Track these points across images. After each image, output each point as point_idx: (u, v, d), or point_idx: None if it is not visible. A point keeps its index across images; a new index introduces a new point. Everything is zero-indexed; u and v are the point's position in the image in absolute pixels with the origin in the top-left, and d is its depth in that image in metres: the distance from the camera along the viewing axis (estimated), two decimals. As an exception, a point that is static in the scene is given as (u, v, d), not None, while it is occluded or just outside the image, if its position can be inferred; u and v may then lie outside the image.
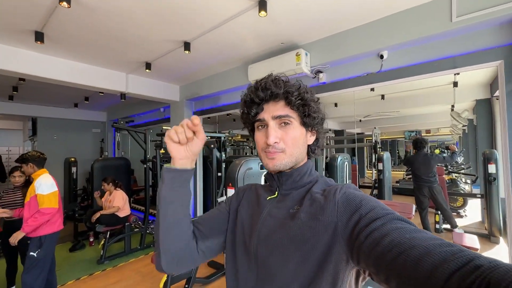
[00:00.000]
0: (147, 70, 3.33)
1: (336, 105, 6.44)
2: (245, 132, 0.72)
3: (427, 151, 3.85)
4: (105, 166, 4.63)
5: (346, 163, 3.76)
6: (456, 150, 3.77)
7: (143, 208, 5.34)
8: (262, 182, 2.09)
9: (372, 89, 4.67)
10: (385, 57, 2.41)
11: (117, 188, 3.76)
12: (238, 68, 3.42)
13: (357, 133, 11.97)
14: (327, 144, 5.79)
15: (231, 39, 2.67)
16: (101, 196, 3.91)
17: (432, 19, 2.01)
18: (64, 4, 1.80)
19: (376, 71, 2.51)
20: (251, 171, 1.90)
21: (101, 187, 3.82)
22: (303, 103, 0.60)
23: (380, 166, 5.30)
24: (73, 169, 5.23)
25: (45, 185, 2.22)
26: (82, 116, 6.57)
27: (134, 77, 3.83)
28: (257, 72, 3.03)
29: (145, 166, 4.22)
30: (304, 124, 0.62)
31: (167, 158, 4.14)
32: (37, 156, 2.34)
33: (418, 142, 3.87)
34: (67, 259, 3.59)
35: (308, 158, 0.67)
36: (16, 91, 4.30)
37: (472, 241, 2.91)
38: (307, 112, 0.60)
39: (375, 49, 2.36)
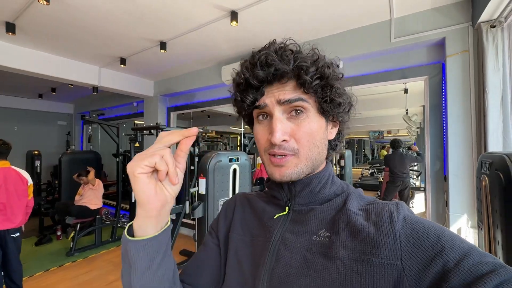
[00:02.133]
0: (122, 65, 3.39)
1: None
2: (220, 128, 0.58)
3: (402, 151, 4.44)
4: (74, 160, 4.56)
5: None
6: (418, 149, 4.39)
7: (113, 202, 5.32)
8: (231, 176, 2.33)
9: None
10: (340, 66, 2.78)
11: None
12: (212, 67, 3.62)
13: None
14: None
15: (205, 41, 2.87)
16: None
17: (376, 38, 2.40)
18: (43, 2, 1.87)
19: (334, 79, 2.88)
20: (220, 163, 2.13)
21: (79, 180, 3.79)
22: (324, 83, 0.41)
23: (342, 162, 5.85)
24: (37, 163, 5.04)
25: None
26: (46, 107, 6.27)
27: (108, 71, 3.84)
28: (229, 73, 3.25)
29: (117, 160, 4.24)
30: (323, 112, 0.43)
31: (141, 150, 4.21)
32: None
33: (396, 143, 4.47)
34: (33, 252, 3.55)
35: (327, 162, 0.49)
36: (-25, 79, 4.06)
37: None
38: (329, 95, 0.41)
39: (333, 59, 2.71)
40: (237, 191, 2.27)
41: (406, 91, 5.32)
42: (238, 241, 0.49)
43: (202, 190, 2.10)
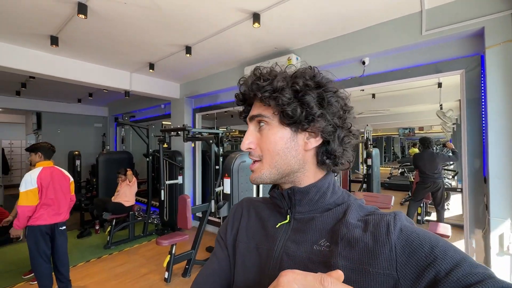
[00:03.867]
0: (151, 70, 3.58)
1: None
2: (243, 128, 0.66)
3: (433, 149, 4.15)
4: (109, 159, 4.90)
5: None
6: (453, 147, 4.07)
7: (144, 199, 5.64)
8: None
9: (362, 89, 4.98)
10: (366, 63, 2.68)
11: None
12: (235, 69, 3.68)
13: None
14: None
15: (228, 44, 2.93)
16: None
17: (405, 31, 2.28)
18: (82, 16, 2.04)
19: (359, 75, 2.78)
20: (244, 163, 2.17)
21: (118, 179, 4.10)
22: (274, 95, 0.44)
23: (369, 161, 5.63)
24: (77, 162, 5.49)
25: (24, 182, 2.25)
26: (84, 111, 6.79)
27: (138, 76, 4.07)
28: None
29: (147, 159, 4.49)
30: (285, 123, 0.45)
31: (168, 152, 4.41)
32: (47, 147, 2.48)
33: (425, 141, 4.20)
34: (76, 244, 3.89)
35: (328, 172, 0.50)
36: (25, 87, 4.52)
37: (445, 229, 3.23)
38: (281, 104, 0.44)
39: (358, 56, 2.63)
40: (260, 192, 2.30)
41: (440, 85, 4.98)
42: (244, 249, 0.51)
43: (227, 189, 2.16)
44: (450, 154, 4.28)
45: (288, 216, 0.49)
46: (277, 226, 0.49)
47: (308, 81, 0.45)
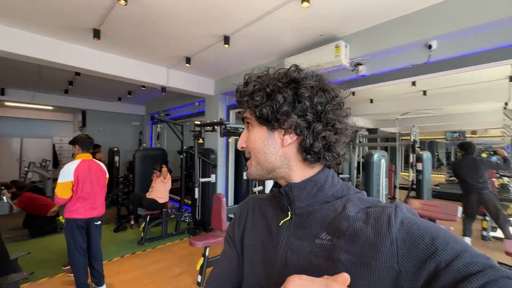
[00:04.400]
0: (187, 65, 3.49)
1: (371, 101, 6.19)
2: None
3: (476, 155, 3.54)
4: (145, 156, 4.97)
5: (383, 161, 3.61)
6: (506, 155, 3.42)
7: (177, 197, 5.64)
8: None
9: (414, 84, 4.44)
10: (433, 47, 2.27)
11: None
12: (273, 62, 3.44)
13: (390, 132, 11.34)
14: (359, 142, 5.59)
15: (269, 32, 2.71)
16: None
17: (494, 3, 1.85)
18: (122, 2, 1.97)
19: (423, 62, 2.37)
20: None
21: (153, 175, 4.12)
22: (248, 100, 0.48)
23: (419, 166, 5.01)
24: (116, 158, 5.68)
25: (62, 173, 2.22)
26: (124, 109, 7.08)
27: (174, 72, 4.04)
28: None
29: (181, 156, 4.44)
30: (261, 123, 0.48)
31: (201, 150, 4.32)
32: (84, 139, 2.44)
33: (466, 146, 3.59)
34: (112, 238, 3.94)
35: (324, 167, 0.50)
36: (71, 85, 4.76)
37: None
38: (253, 105, 0.47)
39: (423, 38, 2.23)
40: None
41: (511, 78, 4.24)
42: (251, 247, 0.53)
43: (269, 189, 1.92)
44: (497, 161, 3.60)
45: (289, 212, 0.49)
46: (280, 224, 0.50)
47: (279, 81, 0.47)
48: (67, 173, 2.25)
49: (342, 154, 0.49)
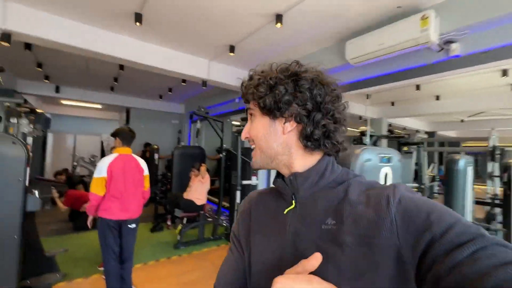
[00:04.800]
0: (231, 54, 3.17)
1: (437, 98, 5.26)
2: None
3: None
4: (183, 154, 4.80)
5: (469, 169, 2.85)
6: None
7: (215, 199, 5.39)
8: (382, 177, 1.57)
9: (505, 73, 3.53)
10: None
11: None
12: (331, 46, 2.94)
13: (450, 137, 9.83)
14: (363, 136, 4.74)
15: (331, 6, 2.23)
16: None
17: None
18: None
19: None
20: (370, 163, 1.42)
21: (191, 173, 3.91)
22: (252, 92, 0.51)
23: (506, 177, 4.01)
24: (156, 156, 5.65)
25: (97, 168, 2.05)
26: (164, 107, 7.13)
27: (215, 64, 3.76)
28: (358, 49, 2.49)
29: (220, 155, 4.14)
30: (264, 113, 0.51)
31: (242, 149, 3.96)
32: (125, 132, 2.23)
33: None
34: (148, 239, 3.77)
35: (324, 155, 0.51)
36: (116, 82, 4.80)
37: None
38: (257, 96, 0.50)
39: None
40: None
41: None
42: (259, 240, 0.53)
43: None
44: None
45: (293, 201, 0.51)
46: (284, 213, 0.51)
47: (280, 74, 0.50)
48: (100, 168, 2.04)
49: (341, 142, 0.51)
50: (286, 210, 0.51)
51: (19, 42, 3.25)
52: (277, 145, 0.51)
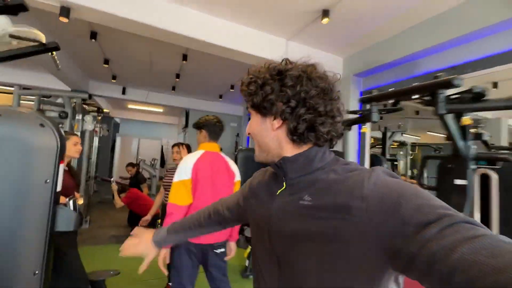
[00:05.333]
0: (324, 20, 2.35)
1: (495, 85, 3.42)
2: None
3: None
4: (248, 157, 4.12)
5: None
6: None
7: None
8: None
9: None
10: None
11: None
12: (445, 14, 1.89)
13: None
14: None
15: None
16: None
17: None
18: None
19: None
20: None
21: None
22: (244, 88, 0.57)
23: None
24: (214, 160, 5.14)
25: (178, 169, 1.51)
26: (223, 109, 6.72)
27: (294, 45, 3.01)
28: None
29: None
30: (256, 111, 0.57)
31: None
32: (213, 123, 1.63)
33: None
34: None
35: (314, 145, 0.54)
36: (178, 78, 4.46)
37: None
38: (248, 94, 0.56)
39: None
40: None
41: None
42: (253, 206, 0.65)
43: None
44: None
45: (284, 183, 0.56)
46: (277, 193, 0.57)
47: (268, 73, 0.53)
48: (183, 169, 1.48)
49: (328, 131, 0.52)
50: (278, 191, 0.57)
51: (85, 31, 3.03)
52: (269, 140, 0.56)
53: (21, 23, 1.38)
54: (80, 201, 4.05)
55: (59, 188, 1.11)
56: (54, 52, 2.16)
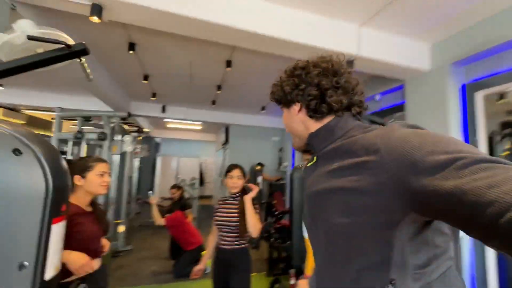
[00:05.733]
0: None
1: None
2: None
3: None
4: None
5: None
6: None
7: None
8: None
9: None
10: None
11: None
12: None
13: None
14: None
15: None
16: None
17: None
18: None
19: None
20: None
21: None
22: (272, 94, 0.70)
23: None
24: (259, 179, 4.56)
25: None
26: (264, 122, 6.20)
27: (368, 32, 2.34)
28: None
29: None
30: (281, 106, 0.69)
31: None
32: None
33: None
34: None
35: (334, 118, 0.62)
36: (220, 90, 4.05)
37: None
38: (273, 97, 0.69)
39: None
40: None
41: None
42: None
43: None
44: None
45: (314, 157, 0.64)
46: (308, 165, 0.65)
47: (286, 73, 0.66)
48: None
49: (338, 100, 0.59)
50: (309, 164, 0.65)
51: (123, 42, 2.76)
52: (296, 124, 0.65)
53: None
54: (121, 229, 3.65)
55: (50, 273, 0.56)
56: (83, 59, 1.78)
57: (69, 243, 1.08)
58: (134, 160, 4.42)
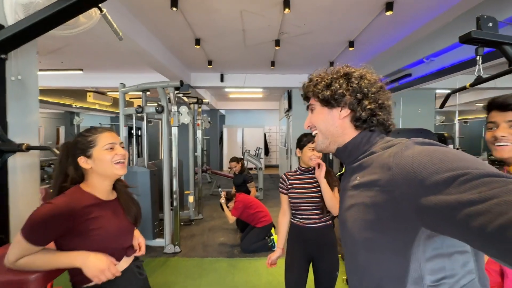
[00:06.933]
0: None
1: None
2: None
3: None
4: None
5: None
6: None
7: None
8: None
9: None
10: None
11: None
12: None
13: None
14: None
15: None
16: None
17: None
18: None
19: None
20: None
21: None
22: (313, 90, 0.66)
23: None
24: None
25: None
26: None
27: None
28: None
29: None
30: (323, 105, 0.65)
31: None
32: None
33: None
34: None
35: (362, 131, 0.63)
36: (278, 45, 3.44)
37: None
38: (317, 94, 0.65)
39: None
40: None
41: None
42: None
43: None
44: None
45: (343, 168, 0.79)
46: (337, 175, 0.91)
47: (334, 75, 0.64)
48: None
49: (385, 118, 0.62)
50: (338, 173, 0.96)
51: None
52: (333, 128, 0.64)
53: None
54: (191, 199, 3.69)
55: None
56: (104, 10, 1.48)
57: (86, 243, 0.81)
58: (197, 132, 4.38)
